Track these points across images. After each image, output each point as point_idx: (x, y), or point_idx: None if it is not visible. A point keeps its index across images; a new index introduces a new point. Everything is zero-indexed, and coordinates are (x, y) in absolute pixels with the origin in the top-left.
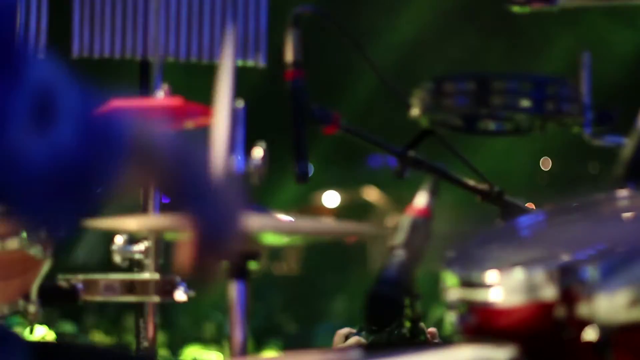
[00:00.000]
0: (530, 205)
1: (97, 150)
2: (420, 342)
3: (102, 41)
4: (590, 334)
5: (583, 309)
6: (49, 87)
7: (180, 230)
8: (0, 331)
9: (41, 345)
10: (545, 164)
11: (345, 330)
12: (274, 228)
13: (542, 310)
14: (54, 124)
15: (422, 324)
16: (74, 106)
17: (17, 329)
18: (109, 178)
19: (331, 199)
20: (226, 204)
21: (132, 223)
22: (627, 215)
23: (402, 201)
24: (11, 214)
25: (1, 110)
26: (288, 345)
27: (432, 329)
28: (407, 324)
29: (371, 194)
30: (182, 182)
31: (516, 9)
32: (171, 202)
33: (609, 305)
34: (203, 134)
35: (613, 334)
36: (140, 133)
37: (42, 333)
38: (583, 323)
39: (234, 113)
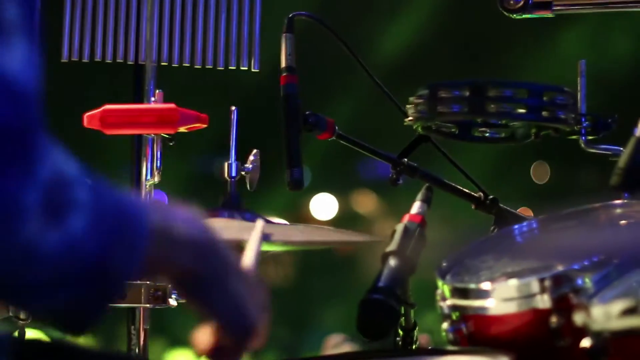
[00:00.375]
0: (525, 211)
1: (113, 241)
2: (414, 350)
3: (93, 45)
4: (584, 342)
5: (577, 318)
6: (61, 177)
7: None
8: None
9: (31, 344)
10: (540, 171)
11: (337, 337)
12: (267, 238)
13: (537, 318)
14: (68, 216)
15: (415, 333)
16: (89, 197)
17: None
18: (127, 269)
19: (327, 205)
20: (247, 297)
21: None
22: (622, 224)
23: (397, 209)
24: (28, 309)
25: (16, 203)
26: (279, 352)
27: (423, 336)
28: (401, 333)
29: (365, 203)
30: (202, 273)
31: (513, 16)
32: (189, 295)
33: (603, 314)
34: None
35: (607, 342)
36: (161, 222)
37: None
38: (577, 331)
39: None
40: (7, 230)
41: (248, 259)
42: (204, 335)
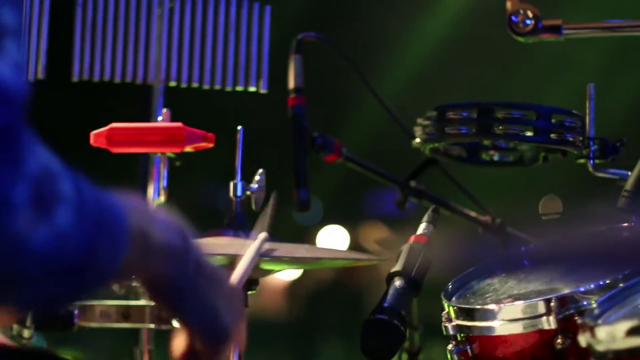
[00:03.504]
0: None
1: (97, 235)
2: None
3: (103, 65)
4: None
5: (582, 339)
6: (47, 172)
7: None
8: None
9: (27, 354)
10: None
11: None
12: (274, 256)
13: (542, 339)
14: (55, 209)
15: (420, 358)
16: (73, 192)
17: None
18: (110, 263)
19: (337, 237)
20: (222, 305)
21: None
22: (628, 246)
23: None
24: (11, 303)
25: (6, 198)
26: None
27: None
28: (405, 357)
29: (375, 236)
30: (175, 278)
31: (522, 39)
32: (161, 300)
33: (608, 335)
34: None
35: None
36: (139, 223)
37: None
38: (582, 352)
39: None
40: None
41: (239, 268)
42: (179, 341)
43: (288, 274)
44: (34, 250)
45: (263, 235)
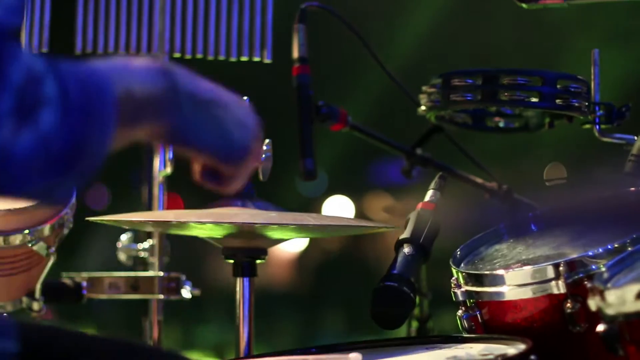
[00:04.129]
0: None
1: (84, 126)
2: (429, 338)
3: (107, 37)
4: (599, 327)
5: (592, 302)
6: (31, 77)
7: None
8: None
9: (38, 329)
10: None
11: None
12: (281, 223)
13: (551, 304)
14: (38, 114)
15: (430, 325)
16: (57, 91)
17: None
18: (100, 148)
19: (342, 207)
20: (233, 124)
21: (137, 219)
22: (635, 210)
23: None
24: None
25: None
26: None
27: None
28: (415, 324)
29: (380, 206)
30: (178, 119)
31: (526, 6)
32: (174, 145)
33: (617, 298)
34: None
35: (621, 325)
36: (124, 87)
37: None
38: (592, 316)
39: None
40: None
41: None
42: (198, 165)
43: (293, 245)
44: (19, 155)
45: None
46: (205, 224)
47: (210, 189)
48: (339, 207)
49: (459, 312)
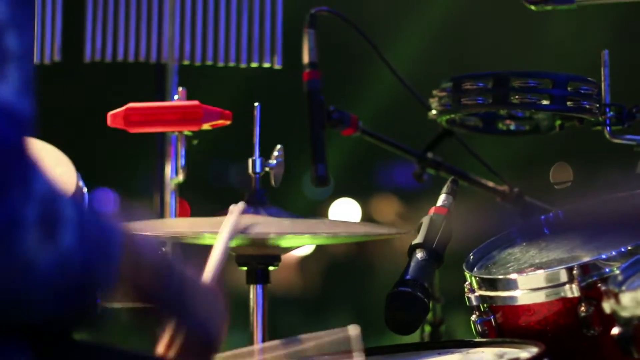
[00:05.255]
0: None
1: (96, 254)
2: (443, 343)
3: (116, 45)
4: (613, 330)
5: (606, 305)
6: (52, 194)
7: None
8: None
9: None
10: (561, 172)
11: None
12: (292, 231)
13: (565, 307)
14: (59, 232)
15: (443, 329)
16: (75, 214)
17: None
18: (107, 280)
19: (348, 210)
20: (210, 310)
21: (150, 228)
22: None
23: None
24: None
25: (17, 220)
26: None
27: None
28: (428, 329)
29: (387, 209)
30: (166, 286)
31: (535, 8)
32: (155, 310)
33: (632, 300)
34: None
35: (636, 328)
36: (128, 241)
37: None
38: (606, 319)
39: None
40: (8, 246)
41: (213, 258)
42: (166, 343)
43: (301, 250)
44: (41, 271)
45: (239, 206)
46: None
47: None
48: (345, 210)
49: (473, 317)
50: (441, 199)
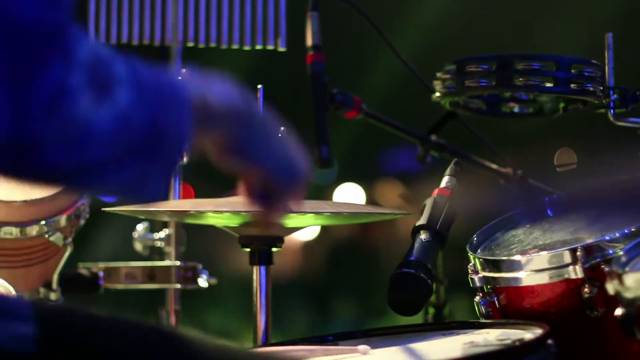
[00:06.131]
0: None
1: (159, 112)
2: (446, 325)
3: (120, 27)
4: (617, 311)
5: (610, 287)
6: (99, 58)
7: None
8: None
9: (53, 310)
10: (565, 156)
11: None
12: (298, 210)
13: (569, 289)
14: (113, 91)
15: (446, 310)
16: (129, 73)
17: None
18: (179, 130)
19: (353, 195)
20: (291, 149)
21: (154, 209)
22: None
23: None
24: (86, 188)
25: (63, 87)
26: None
27: None
28: (431, 311)
29: (391, 193)
30: (243, 135)
31: None
32: (234, 156)
33: (636, 281)
34: None
35: (639, 309)
36: (198, 94)
37: None
38: (610, 300)
39: None
40: (61, 112)
41: None
42: (248, 185)
43: (304, 234)
44: (100, 130)
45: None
46: (222, 213)
47: (259, 210)
48: (349, 195)
49: (477, 298)
50: (444, 181)
